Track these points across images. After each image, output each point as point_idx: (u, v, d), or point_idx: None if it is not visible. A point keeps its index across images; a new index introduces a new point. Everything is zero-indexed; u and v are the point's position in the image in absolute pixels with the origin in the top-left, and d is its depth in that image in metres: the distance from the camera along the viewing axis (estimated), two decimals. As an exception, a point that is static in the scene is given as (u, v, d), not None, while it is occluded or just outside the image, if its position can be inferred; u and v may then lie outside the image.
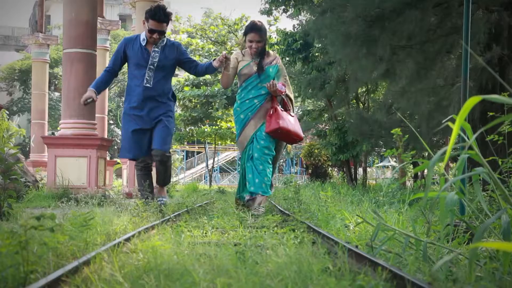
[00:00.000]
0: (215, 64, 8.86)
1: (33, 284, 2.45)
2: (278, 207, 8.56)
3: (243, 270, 3.13)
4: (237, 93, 9.40)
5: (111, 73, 9.27)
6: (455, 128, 2.38)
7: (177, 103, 34.46)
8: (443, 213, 3.27)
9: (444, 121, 3.11)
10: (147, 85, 8.97)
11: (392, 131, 4.89)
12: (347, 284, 2.79)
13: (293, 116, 9.02)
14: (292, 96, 9.38)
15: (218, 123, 32.08)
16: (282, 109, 8.89)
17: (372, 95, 23.99)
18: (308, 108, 27.81)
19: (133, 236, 4.36)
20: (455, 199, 3.33)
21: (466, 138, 2.99)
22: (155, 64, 9.00)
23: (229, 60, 8.84)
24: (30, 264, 2.96)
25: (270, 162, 8.84)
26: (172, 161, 32.58)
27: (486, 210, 3.43)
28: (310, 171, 34.63)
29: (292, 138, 8.96)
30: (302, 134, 9.04)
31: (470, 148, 3.16)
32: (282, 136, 8.85)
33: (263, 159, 8.72)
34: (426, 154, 18.11)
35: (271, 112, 8.80)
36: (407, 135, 5.20)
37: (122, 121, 9.36)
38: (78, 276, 2.89)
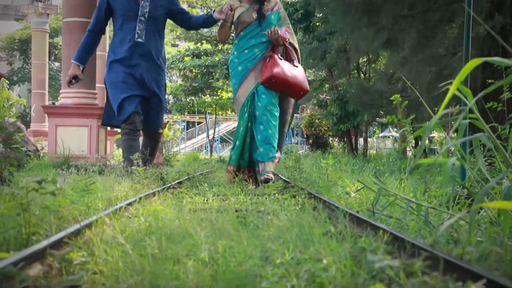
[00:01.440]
0: (216, 15, 8.16)
1: (35, 245, 2.46)
2: (279, 175, 8.54)
3: (244, 233, 3.14)
4: (233, 43, 8.35)
5: (96, 33, 8.45)
6: (453, 87, 2.37)
7: (177, 73, 34.56)
8: (445, 179, 3.28)
9: (444, 84, 3.10)
10: (139, 40, 8.20)
11: (391, 98, 4.87)
12: (348, 246, 2.80)
13: (297, 67, 8.02)
14: (296, 45, 8.38)
15: (218, 93, 32.09)
16: (282, 58, 7.91)
17: (373, 65, 23.99)
18: (309, 78, 27.73)
19: (134, 201, 4.37)
20: (457, 165, 3.33)
21: (467, 102, 2.98)
22: (146, 15, 8.23)
23: (233, 11, 8.03)
24: (32, 226, 2.97)
25: (274, 121, 7.82)
26: (173, 131, 32.23)
27: (486, 175, 3.42)
28: (310, 141, 34.64)
29: (295, 90, 7.95)
30: (307, 86, 8.05)
31: (471, 116, 3.15)
32: (281, 88, 7.84)
33: (264, 118, 7.74)
34: (427, 123, 18.13)
35: (268, 61, 7.82)
36: (407, 101, 5.18)
37: (106, 75, 8.45)
38: (80, 238, 2.90)
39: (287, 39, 7.94)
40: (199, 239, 2.92)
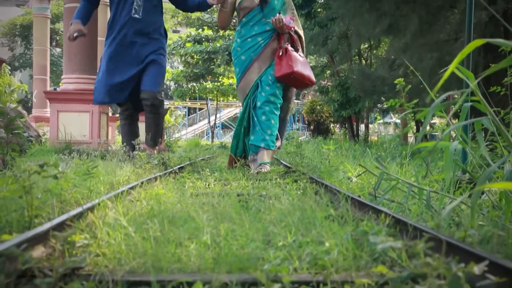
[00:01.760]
0: (210, 0, 7.91)
1: (38, 228, 2.46)
2: (281, 160, 8.52)
3: (246, 217, 3.15)
4: (236, 30, 8.03)
5: (91, 4, 8.32)
6: (452, 65, 2.36)
7: (178, 59, 34.52)
8: (447, 162, 3.28)
9: (446, 69, 3.09)
10: (136, 15, 8.06)
11: (395, 81, 4.87)
12: (350, 229, 2.81)
13: (302, 57, 7.71)
14: (301, 32, 8.01)
15: (220, 79, 32.03)
16: (292, 49, 7.61)
17: (374, 51, 23.92)
18: (310, 65, 27.64)
19: (136, 186, 4.37)
20: (458, 148, 3.33)
21: (469, 83, 2.98)
22: None
23: None
24: (34, 209, 2.98)
25: (276, 112, 7.58)
26: (174, 117, 31.83)
27: (488, 159, 3.42)
28: (312, 127, 34.59)
29: (305, 83, 7.69)
30: (314, 78, 7.73)
31: (473, 99, 3.15)
32: (294, 82, 7.62)
33: (267, 108, 7.48)
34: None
35: (281, 53, 7.49)
36: (410, 85, 5.17)
37: (102, 59, 8.35)
38: (83, 221, 2.91)
39: (292, 28, 7.64)
40: (201, 223, 2.93)
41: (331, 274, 2.14)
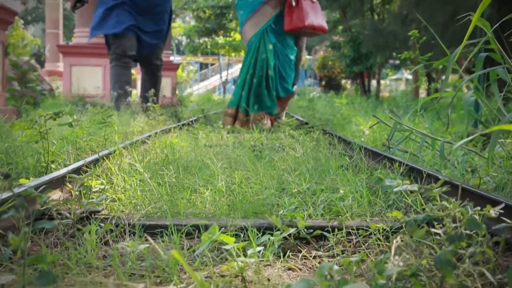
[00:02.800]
0: None
1: (55, 172, 2.48)
2: (293, 115, 8.50)
3: (261, 165, 3.16)
4: None
5: None
6: (475, 17, 2.35)
7: (190, 14, 34.35)
8: (459, 108, 3.27)
9: (462, 16, 3.08)
10: None
11: (410, 33, 4.83)
12: (364, 177, 2.82)
13: (314, 2, 7.30)
14: None
15: (231, 34, 31.89)
16: None
17: (387, 6, 23.70)
18: (323, 20, 27.41)
19: (150, 136, 4.39)
20: (472, 99, 3.32)
21: (486, 30, 2.96)
22: None
23: None
24: (50, 154, 3.00)
25: (292, 62, 7.25)
26: (186, 72, 31.91)
27: (502, 109, 3.41)
28: (323, 83, 34.51)
29: (316, 33, 7.39)
30: (326, 26, 7.33)
31: (489, 49, 3.14)
32: (304, 33, 7.32)
33: (280, 59, 7.13)
34: (440, 67, 17.99)
35: (293, 3, 6.98)
36: (424, 37, 5.13)
37: None
38: (99, 167, 2.93)
39: None
40: (216, 170, 2.94)
41: (346, 220, 2.16)
